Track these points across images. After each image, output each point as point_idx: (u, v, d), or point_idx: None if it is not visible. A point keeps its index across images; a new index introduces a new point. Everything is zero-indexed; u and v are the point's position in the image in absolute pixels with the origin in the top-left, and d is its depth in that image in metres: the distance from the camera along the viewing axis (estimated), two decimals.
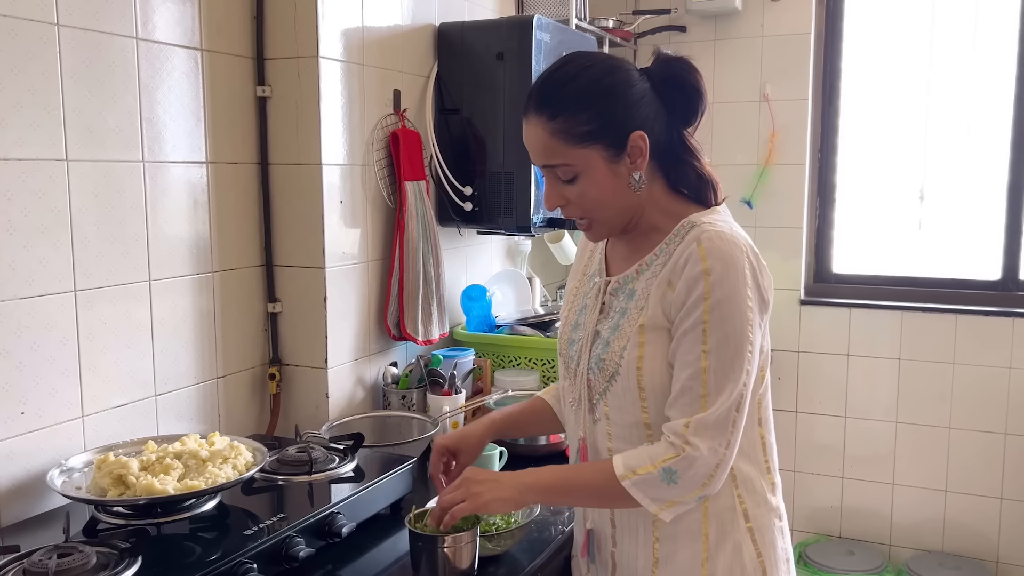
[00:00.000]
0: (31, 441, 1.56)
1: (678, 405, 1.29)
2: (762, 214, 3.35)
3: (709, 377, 1.27)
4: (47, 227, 1.56)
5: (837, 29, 3.31)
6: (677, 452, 1.26)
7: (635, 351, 1.33)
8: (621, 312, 1.38)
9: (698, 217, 1.35)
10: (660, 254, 1.36)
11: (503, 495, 1.34)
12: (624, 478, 1.28)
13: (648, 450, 1.30)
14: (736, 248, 1.28)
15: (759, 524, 1.38)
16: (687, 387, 1.28)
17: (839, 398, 3.34)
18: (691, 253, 1.29)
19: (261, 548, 1.41)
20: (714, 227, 1.31)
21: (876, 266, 3.39)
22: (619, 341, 1.35)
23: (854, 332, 3.29)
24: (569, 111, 1.29)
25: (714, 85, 3.36)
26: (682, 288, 1.29)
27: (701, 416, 1.26)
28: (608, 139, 1.30)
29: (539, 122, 1.31)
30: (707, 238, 1.29)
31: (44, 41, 1.54)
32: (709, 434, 1.26)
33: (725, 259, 1.27)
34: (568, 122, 1.29)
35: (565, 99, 1.30)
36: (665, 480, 1.27)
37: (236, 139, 1.98)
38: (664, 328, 1.32)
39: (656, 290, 1.33)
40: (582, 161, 1.30)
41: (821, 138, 3.36)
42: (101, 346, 1.68)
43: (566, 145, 1.30)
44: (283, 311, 2.08)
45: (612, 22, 3.19)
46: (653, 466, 1.27)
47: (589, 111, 1.29)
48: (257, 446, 1.66)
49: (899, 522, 3.29)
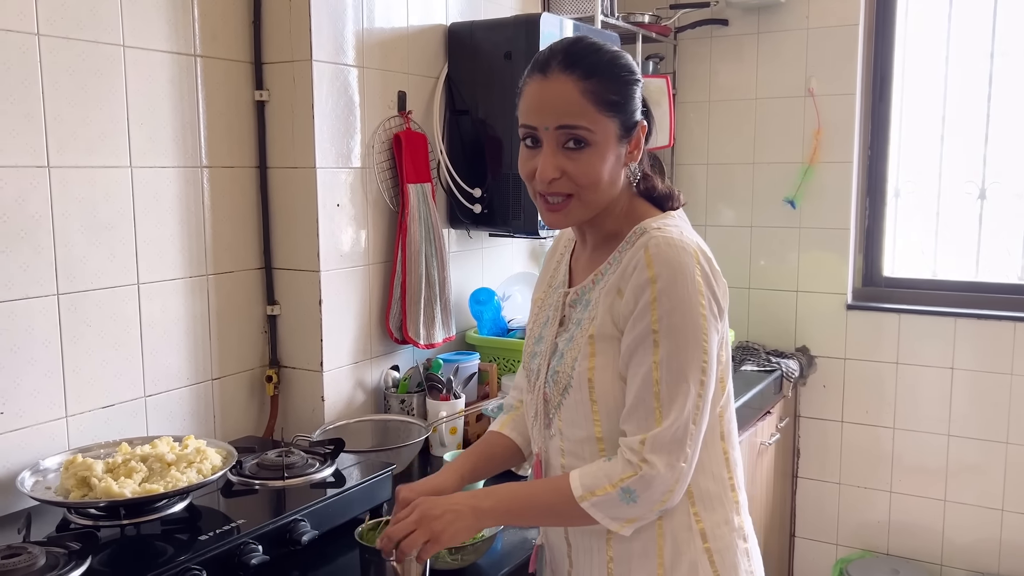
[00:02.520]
0: (10, 440, 1.60)
1: (633, 419, 1.24)
2: (806, 215, 3.21)
3: (661, 389, 1.21)
4: (27, 232, 1.60)
5: (888, 19, 3.14)
6: (634, 471, 1.22)
7: (585, 362, 1.29)
8: (576, 323, 1.33)
9: (649, 223, 1.30)
10: (614, 262, 1.31)
11: (461, 526, 1.25)
12: (582, 499, 1.24)
13: (605, 468, 1.25)
14: (684, 254, 1.23)
15: (719, 545, 1.31)
16: (640, 399, 1.23)
17: (887, 408, 3.17)
18: (639, 260, 1.24)
19: (212, 554, 1.41)
20: (663, 232, 1.25)
21: (931, 269, 3.21)
22: (571, 352, 1.31)
23: (904, 339, 3.12)
24: (604, 75, 1.25)
25: (757, 80, 3.24)
26: (629, 296, 1.24)
27: (657, 432, 1.21)
28: (624, 117, 1.27)
29: (569, 79, 1.23)
30: (654, 244, 1.24)
31: (23, 51, 1.57)
32: (666, 450, 1.21)
33: (673, 265, 1.22)
34: (601, 85, 1.24)
35: (600, 63, 1.26)
36: (624, 500, 1.23)
37: (234, 143, 2.00)
38: (614, 338, 1.27)
39: (605, 298, 1.29)
40: (601, 130, 1.25)
41: (871, 134, 3.20)
42: (86, 347, 1.72)
43: (594, 108, 1.24)
44: (282, 313, 2.09)
45: (648, 17, 3.11)
46: (612, 486, 1.23)
47: (618, 82, 1.26)
48: (230, 450, 1.67)
49: (952, 541, 3.11)
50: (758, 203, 3.30)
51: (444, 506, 1.26)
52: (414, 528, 1.25)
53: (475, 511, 1.27)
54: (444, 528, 1.24)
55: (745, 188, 3.32)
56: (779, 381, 3.03)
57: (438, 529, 1.24)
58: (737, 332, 3.34)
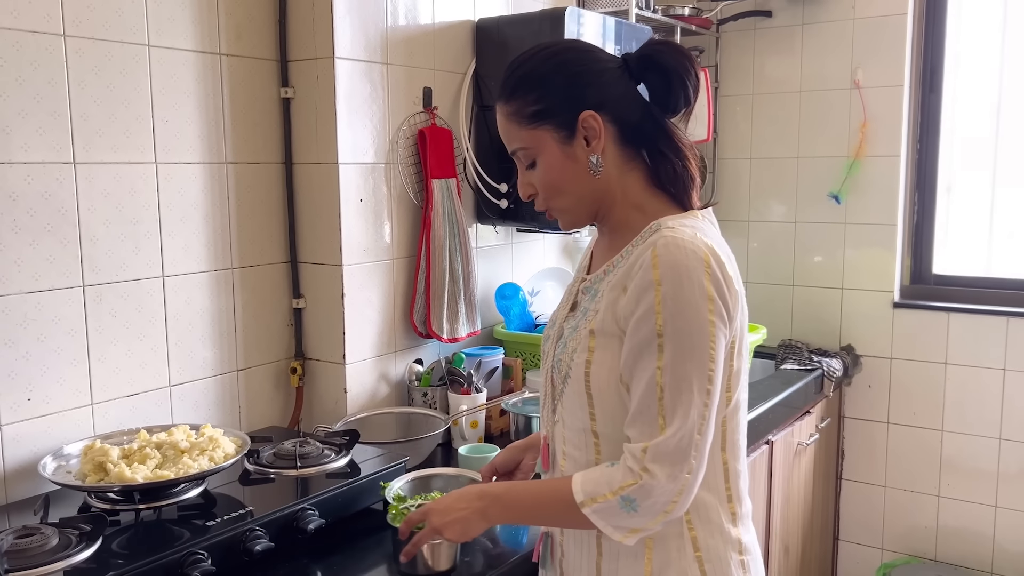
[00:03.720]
0: (36, 426, 1.67)
1: (636, 425, 1.21)
2: (852, 210, 3.13)
3: (665, 396, 1.18)
4: (54, 226, 1.67)
5: (940, 8, 3.03)
6: (635, 479, 1.19)
7: (584, 355, 1.27)
8: (583, 312, 1.32)
9: (665, 220, 1.26)
10: (626, 255, 1.28)
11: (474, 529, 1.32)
12: (583, 505, 1.22)
13: (607, 474, 1.23)
14: (693, 257, 1.18)
15: (711, 555, 1.28)
16: (643, 406, 1.20)
17: (935, 410, 3.07)
18: (645, 260, 1.20)
19: (216, 540, 1.45)
20: (674, 232, 1.21)
21: (984, 268, 3.09)
22: (573, 343, 1.30)
23: (954, 338, 3.01)
24: (519, 92, 1.28)
25: (801, 72, 3.17)
26: (632, 296, 1.21)
27: (659, 441, 1.18)
28: (556, 119, 1.27)
29: (501, 107, 1.31)
30: (662, 244, 1.20)
31: (50, 51, 1.64)
32: (668, 460, 1.18)
33: (678, 268, 1.18)
34: (519, 103, 1.28)
35: (516, 81, 1.29)
36: (624, 508, 1.20)
37: (259, 139, 2.04)
38: (615, 335, 1.25)
39: (610, 293, 1.26)
40: (535, 143, 1.28)
41: (920, 127, 3.09)
42: (111, 337, 1.78)
43: (519, 127, 1.29)
44: (307, 307, 2.13)
45: (688, 10, 3.06)
46: (612, 493, 1.20)
47: (536, 91, 1.27)
48: (244, 439, 1.71)
49: (1004, 548, 3.00)
50: (802, 198, 3.23)
51: (454, 515, 1.31)
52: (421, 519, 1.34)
53: (483, 514, 1.30)
54: (446, 526, 1.31)
55: (789, 183, 3.25)
56: (819, 380, 2.96)
57: (439, 524, 1.32)
58: (780, 330, 3.27)
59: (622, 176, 1.30)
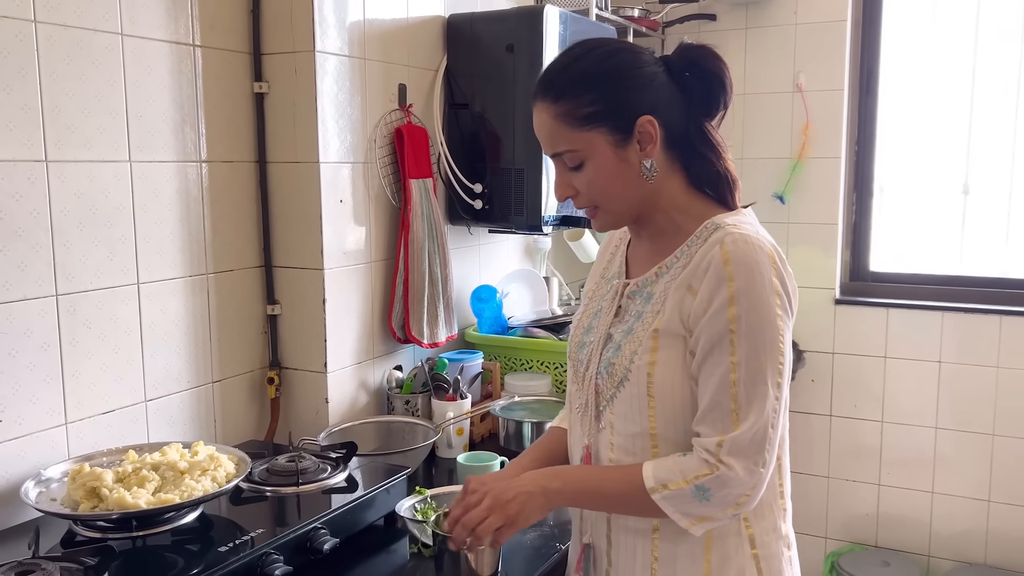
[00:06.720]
0: (10, 449, 1.52)
1: (707, 421, 1.20)
2: (795, 209, 3.21)
3: (739, 391, 1.18)
4: (25, 230, 1.52)
5: (876, 15, 3.15)
6: (711, 469, 1.18)
7: (647, 356, 1.25)
8: (636, 316, 1.29)
9: (722, 219, 1.26)
10: (681, 256, 1.27)
11: (533, 506, 1.25)
12: (653, 491, 1.21)
13: (680, 463, 1.21)
14: (762, 253, 1.19)
15: (766, 552, 1.29)
16: (716, 402, 1.19)
17: (875, 402, 3.19)
18: (713, 257, 1.20)
19: (234, 566, 1.35)
20: (739, 230, 1.22)
21: (917, 264, 3.23)
22: (630, 345, 1.27)
23: (892, 333, 3.14)
24: (571, 93, 1.23)
25: (745, 75, 3.23)
26: (704, 294, 1.20)
27: (735, 435, 1.18)
28: (613, 122, 1.23)
29: (545, 108, 1.26)
30: (731, 241, 1.20)
31: (20, 38, 1.49)
32: (745, 454, 1.18)
33: (750, 265, 1.18)
34: (571, 104, 1.23)
35: (567, 81, 1.25)
36: (697, 497, 1.19)
37: (232, 137, 1.92)
38: (680, 335, 1.23)
39: (675, 294, 1.24)
40: (587, 146, 1.24)
41: (858, 130, 3.21)
42: (85, 351, 1.64)
43: (569, 129, 1.24)
44: (283, 313, 2.03)
45: (637, 11, 3.08)
46: (685, 481, 1.19)
47: (592, 92, 1.23)
48: (241, 456, 1.60)
49: (939, 532, 3.14)
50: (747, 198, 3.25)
51: (516, 488, 1.26)
52: (487, 514, 1.24)
53: (546, 492, 1.26)
54: (519, 511, 1.24)
55: None
56: None
57: (513, 512, 1.24)
58: None
59: (666, 179, 1.29)
